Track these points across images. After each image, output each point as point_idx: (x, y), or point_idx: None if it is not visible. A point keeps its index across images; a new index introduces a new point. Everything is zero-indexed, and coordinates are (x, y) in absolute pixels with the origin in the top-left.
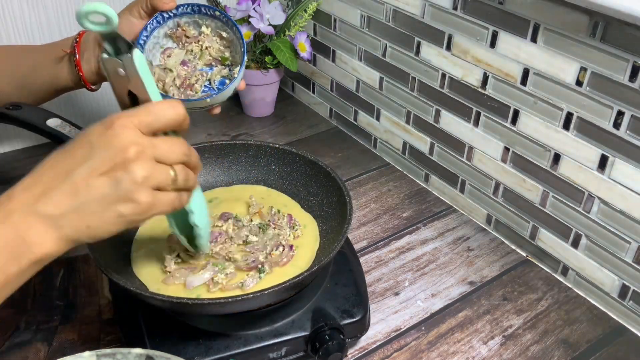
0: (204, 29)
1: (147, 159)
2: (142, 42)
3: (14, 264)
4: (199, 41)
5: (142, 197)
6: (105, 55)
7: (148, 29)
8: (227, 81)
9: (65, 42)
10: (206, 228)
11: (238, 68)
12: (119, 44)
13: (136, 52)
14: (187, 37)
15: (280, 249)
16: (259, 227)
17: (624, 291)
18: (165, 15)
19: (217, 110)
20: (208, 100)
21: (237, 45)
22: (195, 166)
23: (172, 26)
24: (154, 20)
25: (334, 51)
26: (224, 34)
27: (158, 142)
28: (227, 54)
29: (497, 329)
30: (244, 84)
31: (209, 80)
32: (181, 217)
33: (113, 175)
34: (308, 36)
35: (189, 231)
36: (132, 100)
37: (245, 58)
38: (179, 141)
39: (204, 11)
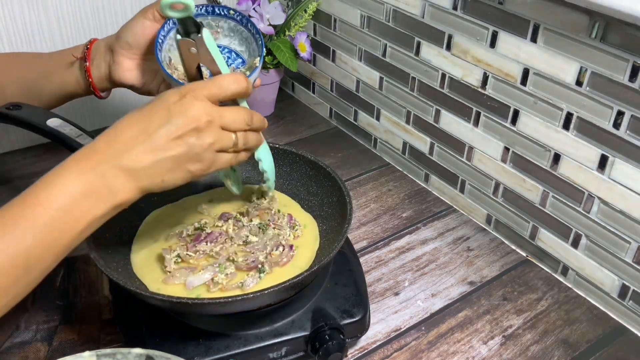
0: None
1: (214, 127)
2: (160, 41)
3: (99, 207)
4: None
5: (207, 157)
6: (179, 37)
7: (165, 28)
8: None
9: (76, 48)
10: (272, 172)
11: (258, 59)
12: (189, 27)
13: (205, 32)
14: None
15: (280, 249)
16: (259, 227)
17: (624, 291)
18: None
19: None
20: None
21: (253, 41)
22: (258, 128)
23: None
24: (170, 21)
25: (334, 51)
26: (240, 32)
27: (225, 112)
28: (244, 51)
29: (497, 329)
30: (260, 81)
31: None
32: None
33: (186, 140)
34: (308, 36)
35: (229, 176)
36: (199, 71)
37: (264, 50)
38: (243, 111)
39: (218, 12)
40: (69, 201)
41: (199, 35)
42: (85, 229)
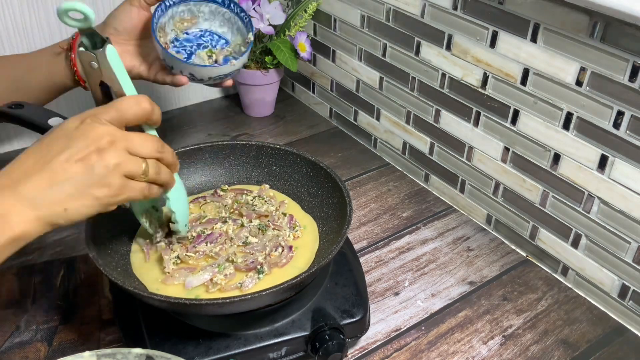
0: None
1: (119, 149)
2: (154, 27)
3: None
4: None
5: (114, 181)
6: (81, 49)
7: (156, 15)
8: (232, 59)
9: (63, 42)
10: (182, 214)
11: (250, 34)
12: (96, 39)
13: (109, 47)
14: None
15: (280, 249)
16: (259, 228)
17: (624, 291)
18: (167, 3)
19: (230, 83)
20: (234, 62)
21: (237, 19)
22: (169, 163)
23: (170, 15)
24: (159, 8)
25: (334, 51)
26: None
27: (131, 136)
28: (226, 32)
29: (497, 329)
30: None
31: (215, 60)
32: (143, 204)
33: (88, 162)
34: (308, 36)
35: (150, 214)
36: (105, 93)
37: (253, 27)
38: (152, 138)
39: None
40: None
41: (101, 50)
42: None
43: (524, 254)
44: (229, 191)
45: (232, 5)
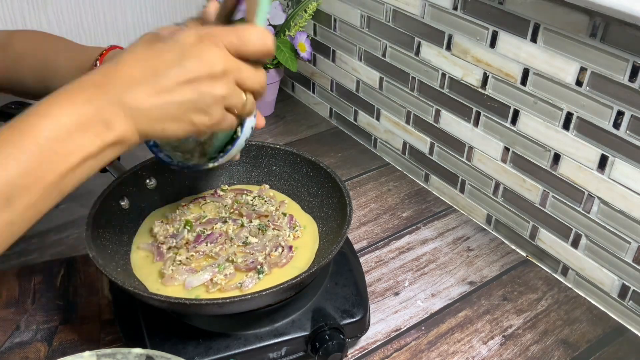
0: None
1: (230, 80)
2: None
3: (93, 143)
4: None
5: (216, 112)
6: None
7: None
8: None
9: (96, 50)
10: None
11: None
12: None
13: None
14: None
15: (280, 249)
16: (259, 228)
17: (624, 291)
18: None
19: (237, 157)
20: (210, 165)
21: None
22: (261, 96)
23: None
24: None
25: (334, 51)
26: None
27: (243, 67)
28: None
29: (497, 329)
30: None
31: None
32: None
33: (197, 86)
34: (308, 36)
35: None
36: (230, 10)
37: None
38: (261, 71)
39: None
40: (60, 132)
41: None
42: (77, 166)
43: (524, 254)
44: (229, 191)
45: None
